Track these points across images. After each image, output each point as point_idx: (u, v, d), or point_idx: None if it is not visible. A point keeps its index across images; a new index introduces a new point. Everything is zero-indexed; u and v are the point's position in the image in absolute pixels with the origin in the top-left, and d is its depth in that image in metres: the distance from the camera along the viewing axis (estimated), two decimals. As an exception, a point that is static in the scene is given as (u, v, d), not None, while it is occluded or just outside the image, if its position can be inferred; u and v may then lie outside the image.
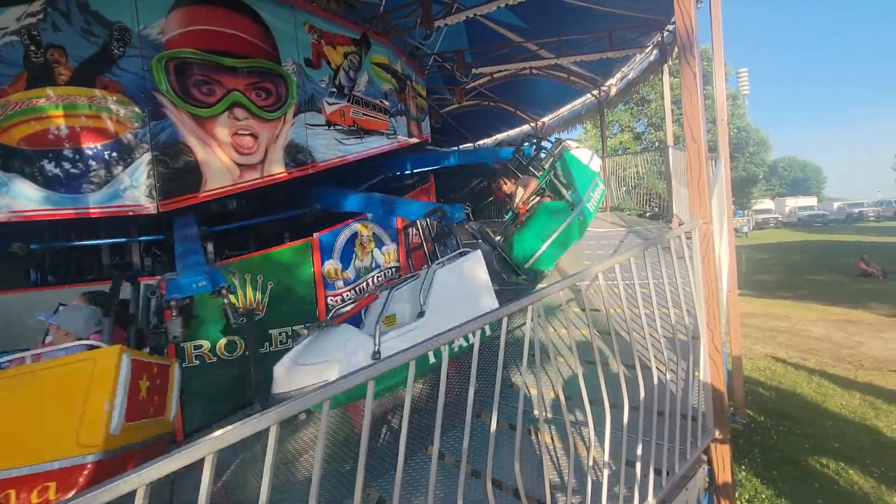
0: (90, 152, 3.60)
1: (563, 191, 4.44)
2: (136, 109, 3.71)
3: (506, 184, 4.99)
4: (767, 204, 43.26)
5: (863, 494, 3.67)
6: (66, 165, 3.56)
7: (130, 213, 3.74)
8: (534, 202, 4.66)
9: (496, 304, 3.21)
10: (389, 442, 3.13)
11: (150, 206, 3.75)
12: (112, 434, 1.87)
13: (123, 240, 4.31)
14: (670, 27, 6.83)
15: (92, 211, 3.63)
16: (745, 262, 16.26)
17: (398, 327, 3.09)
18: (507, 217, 5.01)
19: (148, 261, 4.72)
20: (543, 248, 4.06)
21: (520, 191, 4.82)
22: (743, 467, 4.17)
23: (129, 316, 2.82)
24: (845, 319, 9.26)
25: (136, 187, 3.73)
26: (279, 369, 2.88)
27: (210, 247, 4.72)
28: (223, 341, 3.89)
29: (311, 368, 2.81)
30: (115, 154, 3.66)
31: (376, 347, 2.81)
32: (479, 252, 3.39)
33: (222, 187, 4.08)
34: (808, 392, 5.74)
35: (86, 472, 1.78)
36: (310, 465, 3.15)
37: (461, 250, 3.44)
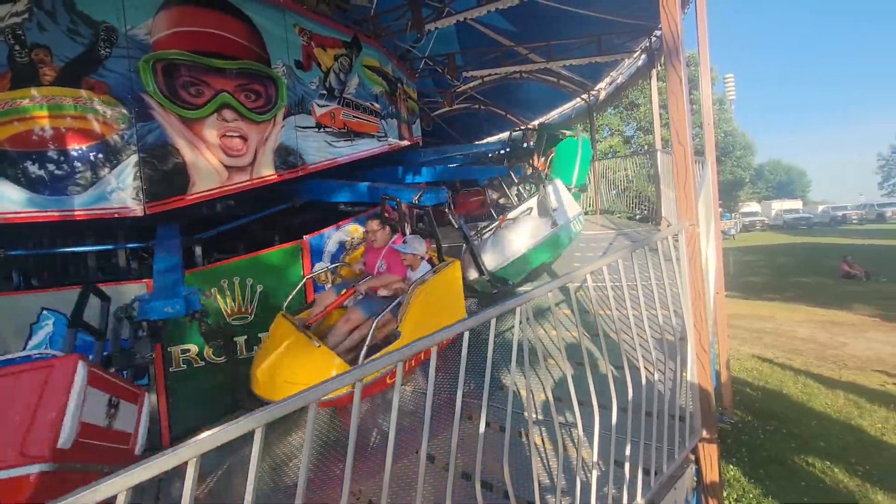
0: (75, 154, 3.55)
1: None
2: (123, 111, 3.66)
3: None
4: (754, 207, 43.89)
5: (848, 492, 3.72)
6: (51, 167, 3.50)
7: (116, 216, 3.69)
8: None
9: (579, 209, 5.46)
10: (379, 444, 3.12)
11: (136, 209, 3.70)
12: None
13: (108, 247, 4.25)
14: (658, 33, 6.93)
15: (77, 213, 3.58)
16: (732, 264, 16.48)
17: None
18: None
19: (135, 264, 4.66)
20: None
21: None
22: (731, 467, 4.21)
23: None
24: (829, 320, 9.40)
25: (123, 189, 3.68)
26: (485, 255, 4.51)
27: (198, 251, 4.69)
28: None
29: (507, 246, 4.58)
30: (101, 156, 3.61)
31: (553, 219, 4.76)
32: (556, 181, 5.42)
33: (210, 189, 4.04)
34: (793, 392, 5.82)
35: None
36: (296, 469, 3.13)
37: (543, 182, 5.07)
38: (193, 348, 3.80)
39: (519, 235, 4.64)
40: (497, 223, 4.81)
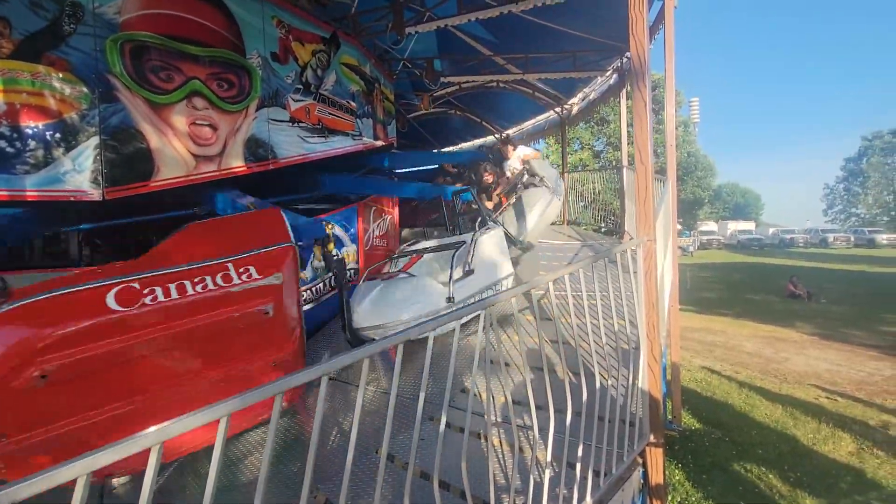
0: (30, 131, 3.37)
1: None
2: (85, 90, 3.51)
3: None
4: (711, 226, 46.10)
5: (780, 497, 3.98)
6: (2, 143, 3.31)
7: (72, 199, 3.53)
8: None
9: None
10: (339, 444, 3.11)
11: (94, 193, 3.55)
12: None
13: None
14: (629, 54, 7.21)
15: (29, 193, 3.39)
16: (689, 280, 17.24)
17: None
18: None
19: (86, 251, 4.47)
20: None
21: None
22: (677, 471, 4.42)
23: None
24: (774, 336, 10.00)
25: (80, 172, 3.52)
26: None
27: (157, 238, 4.53)
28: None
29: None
30: (58, 135, 3.44)
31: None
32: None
33: (176, 178, 3.92)
34: (738, 402, 6.16)
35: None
36: (254, 467, 3.07)
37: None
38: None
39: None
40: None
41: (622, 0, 2.61)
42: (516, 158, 7.00)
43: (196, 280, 2.52)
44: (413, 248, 4.52)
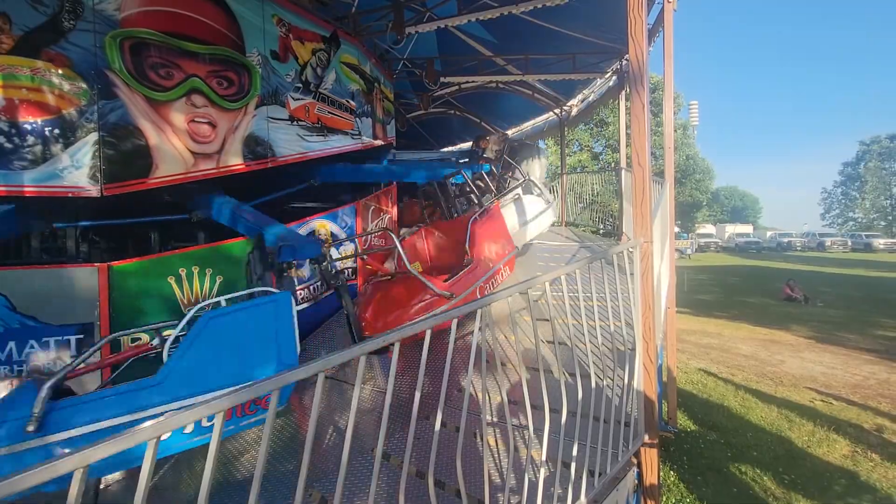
0: (28, 127, 3.37)
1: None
2: (84, 86, 3.51)
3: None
4: (709, 229, 46.23)
5: (774, 499, 4.00)
6: (0, 139, 3.31)
7: (70, 195, 3.53)
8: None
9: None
10: (335, 442, 3.11)
11: (92, 189, 3.55)
12: None
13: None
14: (628, 56, 7.23)
15: (27, 189, 3.39)
16: (686, 282, 17.27)
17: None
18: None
19: (84, 247, 4.46)
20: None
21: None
22: (672, 473, 4.43)
23: None
24: (770, 339, 10.02)
25: (79, 168, 3.52)
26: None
27: (155, 236, 4.53)
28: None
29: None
30: (56, 131, 3.44)
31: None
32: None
33: (174, 175, 3.92)
34: (733, 405, 6.18)
35: None
36: (249, 465, 3.07)
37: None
38: (144, 337, 3.68)
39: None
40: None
41: (622, 2, 2.62)
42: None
43: None
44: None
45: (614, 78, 8.06)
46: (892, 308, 12.89)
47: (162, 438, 0.91)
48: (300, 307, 4.66)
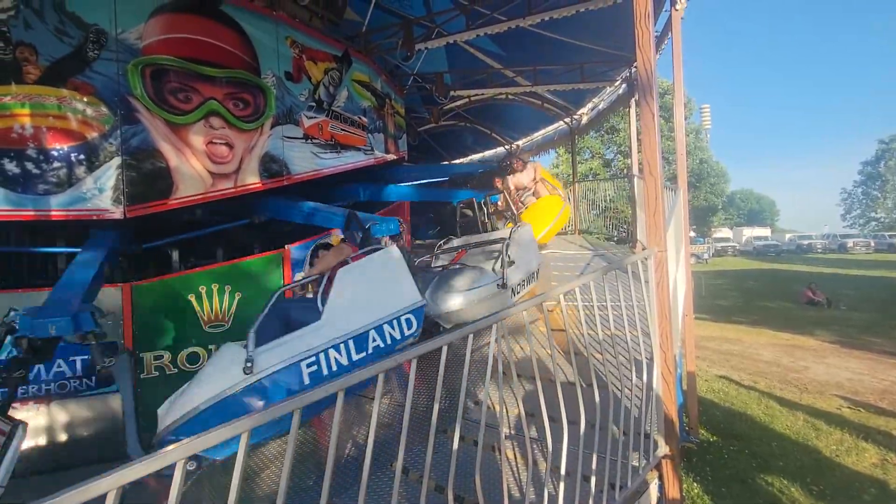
0: (56, 153, 3.51)
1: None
2: (108, 112, 3.65)
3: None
4: (726, 233, 45.48)
5: (803, 511, 3.89)
6: (30, 165, 3.46)
7: (95, 218, 3.65)
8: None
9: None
10: (353, 457, 3.12)
11: (115, 212, 3.67)
12: None
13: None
14: (637, 67, 7.24)
15: (53, 214, 3.53)
16: (704, 287, 17.00)
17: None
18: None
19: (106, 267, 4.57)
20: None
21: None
22: (695, 484, 4.34)
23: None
24: (793, 344, 9.79)
25: (103, 192, 3.65)
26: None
27: (175, 255, 4.64)
28: (185, 352, 3.81)
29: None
30: (81, 157, 3.58)
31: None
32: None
33: (193, 195, 4.04)
34: (757, 413, 6.04)
35: None
36: (270, 480, 3.10)
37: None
38: (167, 355, 3.75)
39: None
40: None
41: (629, 11, 2.65)
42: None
43: None
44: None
45: (624, 86, 8.07)
46: (921, 310, 12.49)
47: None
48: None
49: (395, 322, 2.77)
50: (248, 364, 2.41)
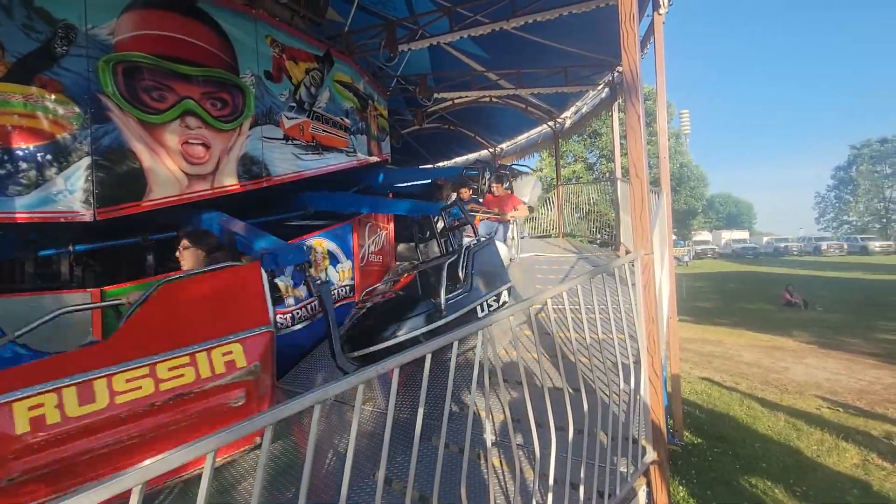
0: (21, 153, 3.34)
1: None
2: (77, 111, 3.50)
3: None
4: (706, 236, 46.45)
5: (786, 512, 3.91)
6: (-8, 165, 3.28)
7: (63, 220, 3.48)
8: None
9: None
10: (335, 467, 3.02)
11: (85, 214, 3.51)
12: None
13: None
14: (620, 68, 7.30)
15: (19, 216, 3.35)
16: (685, 290, 17.24)
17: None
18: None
19: (78, 271, 4.40)
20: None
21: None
22: (681, 488, 4.34)
23: None
24: (772, 346, 9.97)
25: (72, 193, 3.49)
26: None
27: (150, 258, 4.48)
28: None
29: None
30: (49, 156, 3.41)
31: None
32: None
33: (168, 197, 3.89)
34: (739, 414, 6.10)
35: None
36: (247, 493, 2.98)
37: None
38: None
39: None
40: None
41: (612, 16, 2.63)
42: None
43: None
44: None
45: (606, 90, 8.13)
46: (893, 311, 12.87)
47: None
48: (297, 327, 4.60)
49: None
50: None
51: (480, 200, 6.55)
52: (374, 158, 6.87)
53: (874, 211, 51.22)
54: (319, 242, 5.08)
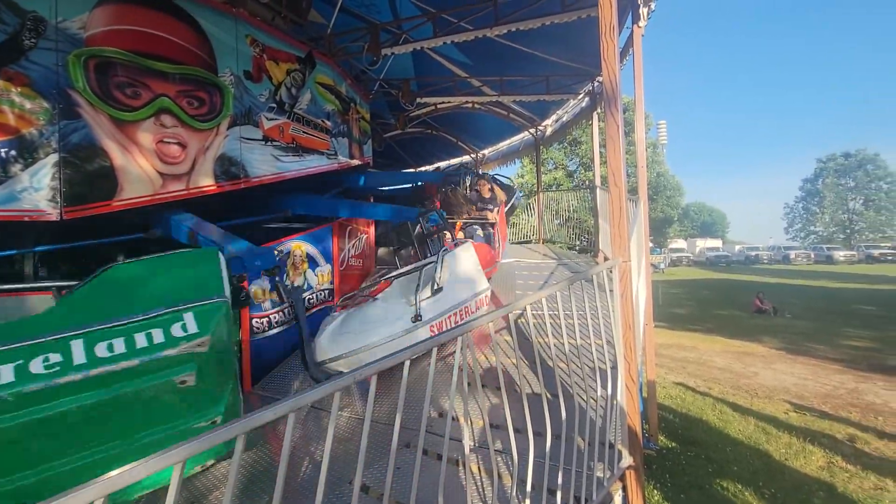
0: (-17, 148, 3.20)
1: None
2: (45, 105, 3.36)
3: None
4: (681, 244, 47.58)
5: (756, 515, 4.01)
6: (-48, 161, 3.13)
7: (27, 219, 3.34)
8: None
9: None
10: (310, 474, 2.96)
11: (52, 213, 3.37)
12: None
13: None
14: (600, 79, 7.45)
15: (-21, 213, 3.20)
16: (661, 297, 17.61)
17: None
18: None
19: (43, 271, 4.22)
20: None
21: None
22: (655, 492, 4.40)
23: None
24: (743, 351, 10.24)
25: (38, 190, 3.35)
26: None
27: (121, 259, 4.33)
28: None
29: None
30: (13, 152, 3.27)
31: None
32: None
33: (141, 197, 3.78)
34: (712, 419, 6.23)
35: None
36: (218, 502, 2.89)
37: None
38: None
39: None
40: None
41: (593, 27, 2.68)
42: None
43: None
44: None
45: (587, 99, 8.28)
46: (856, 318, 13.40)
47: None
48: (273, 331, 4.51)
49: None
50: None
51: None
52: (356, 161, 6.82)
53: (839, 222, 53.40)
54: (299, 245, 5.00)
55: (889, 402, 6.66)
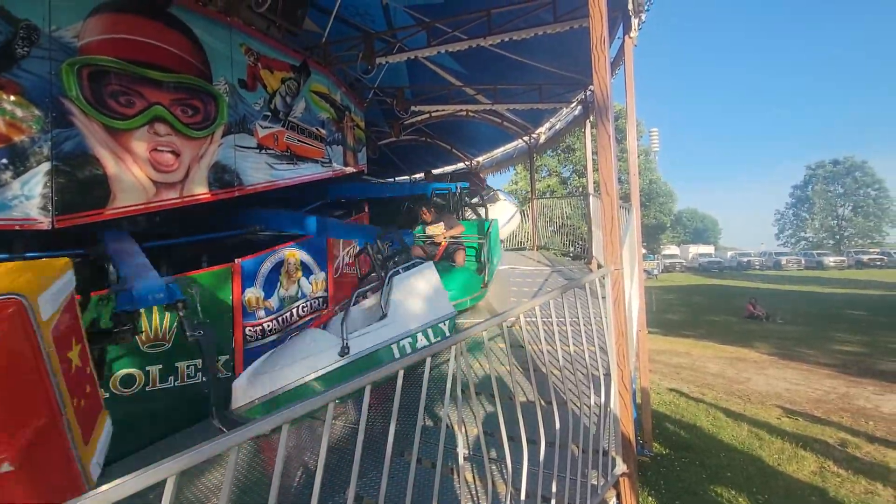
0: (-26, 157, 3.18)
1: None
2: (38, 114, 3.35)
3: (426, 213, 6.05)
4: (674, 250, 47.95)
5: (750, 521, 4.02)
6: (-57, 169, 3.11)
7: (18, 228, 3.32)
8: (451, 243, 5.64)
9: (450, 309, 3.81)
10: (304, 483, 2.94)
11: (43, 221, 3.35)
12: None
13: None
14: (592, 87, 7.54)
15: (-31, 222, 3.18)
16: (654, 302, 17.70)
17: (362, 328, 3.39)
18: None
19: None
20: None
21: (440, 226, 5.83)
22: (650, 498, 4.40)
23: None
24: (736, 357, 10.31)
25: (30, 199, 3.33)
26: (237, 383, 3.07)
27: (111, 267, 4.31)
28: (119, 375, 3.49)
29: (269, 376, 2.99)
30: (4, 160, 3.26)
31: (345, 343, 3.12)
32: (431, 263, 3.94)
33: (134, 205, 3.76)
34: (705, 424, 6.26)
35: None
36: (212, 514, 2.86)
37: (414, 261, 3.87)
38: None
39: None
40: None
41: (585, 37, 2.73)
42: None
43: None
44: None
45: (580, 107, 8.36)
46: (846, 323, 13.54)
47: None
48: (267, 339, 4.48)
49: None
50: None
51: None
52: (350, 169, 6.84)
53: (828, 228, 54.05)
54: (293, 253, 4.99)
55: (879, 406, 6.73)
